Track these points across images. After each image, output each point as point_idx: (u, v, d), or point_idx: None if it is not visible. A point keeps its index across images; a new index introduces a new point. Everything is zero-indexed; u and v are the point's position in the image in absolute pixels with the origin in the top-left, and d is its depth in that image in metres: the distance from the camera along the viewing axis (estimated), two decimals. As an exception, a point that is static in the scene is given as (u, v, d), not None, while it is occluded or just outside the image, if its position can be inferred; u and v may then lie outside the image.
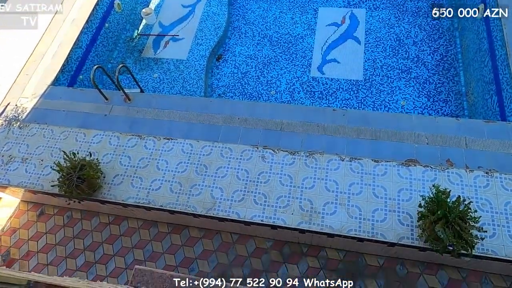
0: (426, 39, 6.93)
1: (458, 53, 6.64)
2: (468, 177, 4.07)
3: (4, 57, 6.30)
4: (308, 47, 7.17)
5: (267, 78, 6.90)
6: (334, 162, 4.39)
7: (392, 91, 6.37)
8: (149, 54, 7.44)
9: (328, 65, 6.87)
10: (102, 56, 7.20)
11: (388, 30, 7.14)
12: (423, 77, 6.46)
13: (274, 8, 7.92)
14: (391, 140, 4.47)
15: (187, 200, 4.38)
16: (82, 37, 6.51)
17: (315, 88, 6.61)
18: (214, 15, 7.75)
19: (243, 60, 7.24)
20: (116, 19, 7.57)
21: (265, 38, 7.48)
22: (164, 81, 7.01)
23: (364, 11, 7.52)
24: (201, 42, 7.38)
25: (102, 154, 4.90)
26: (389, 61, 6.74)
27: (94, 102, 5.43)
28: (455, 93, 6.23)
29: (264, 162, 4.50)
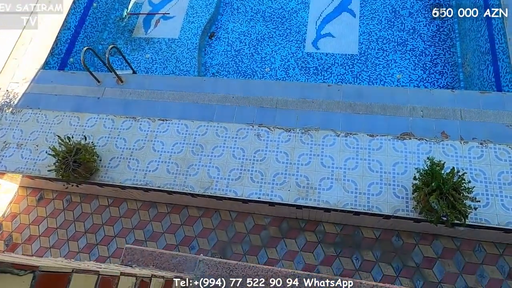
0: (422, 9, 6.78)
1: (454, 24, 6.52)
2: (462, 149, 4.10)
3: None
4: (302, 21, 7.02)
5: (261, 55, 6.79)
6: (330, 138, 4.39)
7: (388, 65, 6.30)
8: (140, 34, 7.28)
9: (322, 39, 6.75)
10: (91, 37, 7.05)
11: (384, 2, 6.97)
12: (419, 49, 6.37)
13: (266, -18, 7.69)
14: (386, 114, 4.46)
15: (184, 180, 4.41)
16: (69, 18, 6.35)
17: (310, 64, 6.52)
18: (205, -9, 7.53)
19: (236, 37, 7.09)
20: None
21: (258, 13, 7.30)
22: (156, 61, 6.89)
23: (358, -18, 7.30)
24: (192, 19, 7.21)
25: (97, 137, 4.88)
26: (385, 33, 6.62)
27: (86, 85, 5.35)
28: (451, 64, 6.17)
29: (259, 140, 4.50)
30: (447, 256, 4.22)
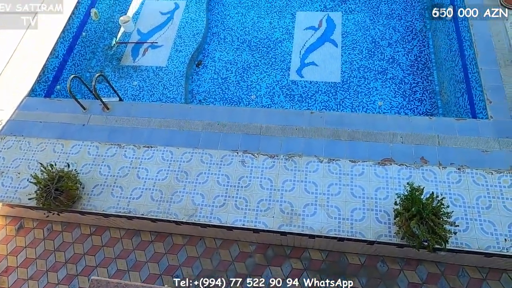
0: (400, 40, 7.12)
1: (431, 53, 6.85)
2: (441, 174, 4.21)
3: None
4: (287, 51, 7.28)
5: (247, 82, 6.96)
6: (313, 164, 4.46)
7: (370, 92, 6.52)
8: (128, 62, 7.40)
9: (306, 68, 6.98)
10: (79, 65, 7.13)
11: (364, 33, 7.31)
12: (399, 78, 6.63)
13: (252, 13, 8.00)
14: (367, 140, 4.58)
15: (168, 208, 4.38)
16: (58, 46, 6.44)
17: (295, 91, 6.70)
18: (192, 22, 7.78)
19: (223, 65, 7.28)
20: (93, 27, 7.52)
21: (244, 43, 7.55)
22: (143, 89, 6.98)
23: (340, 15, 7.67)
24: (180, 48, 7.40)
25: (81, 164, 4.85)
26: (366, 62, 6.89)
27: (71, 112, 5.37)
28: (430, 92, 6.42)
29: (244, 167, 4.54)
30: (432, 281, 4.23)
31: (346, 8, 7.74)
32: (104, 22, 7.88)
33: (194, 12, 7.93)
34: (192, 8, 8.01)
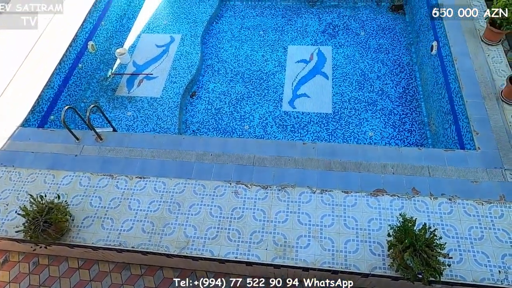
0: (388, 73, 7.38)
1: (418, 86, 7.09)
2: (433, 204, 4.24)
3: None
4: (279, 83, 7.47)
5: (241, 113, 7.07)
6: (306, 195, 4.47)
7: (360, 123, 6.66)
8: (123, 93, 7.51)
9: (299, 99, 7.14)
10: (74, 95, 7.21)
11: (354, 66, 7.57)
12: (388, 109, 6.81)
13: (246, 46, 8.27)
14: (359, 171, 4.63)
15: (159, 240, 4.30)
16: (54, 78, 6.53)
17: (287, 122, 6.82)
18: (187, 54, 7.99)
19: (216, 96, 7.42)
20: (90, 59, 7.67)
21: (237, 75, 7.74)
22: (137, 119, 7.04)
23: (330, 49, 7.97)
24: (175, 80, 7.54)
25: (72, 195, 4.79)
26: (356, 94, 7.09)
27: (64, 142, 5.37)
28: (419, 123, 6.58)
29: (237, 198, 4.52)
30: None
31: (336, 43, 8.06)
32: (101, 54, 8.06)
33: (189, 45, 8.17)
34: (187, 41, 8.25)
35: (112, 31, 8.55)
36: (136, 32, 8.72)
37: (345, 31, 8.28)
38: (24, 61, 6.63)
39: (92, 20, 7.69)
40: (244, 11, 9.14)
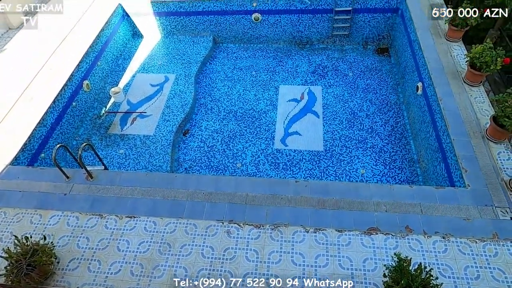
0: (377, 112, 7.60)
1: (406, 124, 7.29)
2: (427, 243, 4.21)
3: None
4: (271, 121, 7.61)
5: (233, 151, 7.11)
6: (299, 234, 4.40)
7: (352, 160, 6.73)
8: (115, 131, 7.53)
9: (290, 137, 7.24)
10: (67, 133, 7.20)
11: (343, 105, 7.80)
12: (378, 146, 6.93)
13: (238, 86, 8.50)
14: (352, 209, 4.62)
15: (148, 283, 4.13)
16: (47, 116, 6.56)
17: (280, 160, 6.86)
18: (181, 93, 8.16)
19: (209, 134, 7.49)
20: (84, 98, 7.77)
21: (230, 113, 7.88)
22: (130, 157, 7.02)
23: (320, 88, 8.24)
24: (168, 118, 7.64)
25: (59, 236, 4.63)
26: (346, 132, 7.24)
27: (53, 181, 5.28)
28: (408, 160, 6.69)
29: (229, 238, 4.43)
30: None
31: (326, 83, 8.35)
32: (95, 93, 8.18)
33: (183, 85, 8.37)
34: (181, 81, 8.46)
35: (108, 71, 8.75)
36: (131, 71, 8.94)
37: (334, 72, 8.61)
38: (19, 100, 6.68)
39: (89, 60, 7.88)
40: (237, 52, 9.50)
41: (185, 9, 9.17)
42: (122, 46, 9.46)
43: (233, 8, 8.97)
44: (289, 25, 9.15)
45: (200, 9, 9.10)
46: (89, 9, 8.93)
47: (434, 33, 7.16)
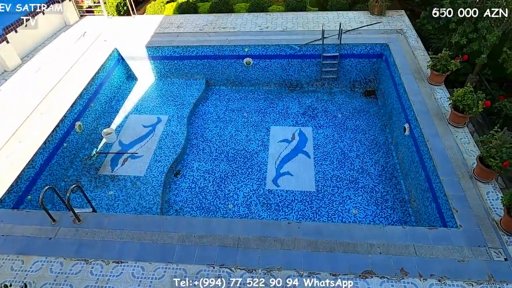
0: (367, 152, 7.72)
1: (396, 164, 7.40)
2: (423, 286, 4.10)
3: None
4: (263, 161, 7.65)
5: (225, 192, 7.05)
6: (293, 278, 4.27)
7: (344, 201, 6.72)
8: (106, 172, 7.46)
9: (282, 178, 7.25)
10: (56, 174, 7.10)
11: (334, 145, 7.92)
12: (369, 187, 6.96)
13: (230, 127, 8.63)
14: (346, 251, 4.53)
15: (134, 335, 3.89)
16: (37, 157, 6.49)
17: (271, 201, 6.81)
18: (173, 134, 8.23)
19: (201, 175, 7.46)
20: (76, 138, 7.76)
21: (222, 154, 7.92)
22: (119, 198, 6.89)
23: (311, 129, 8.41)
24: (159, 159, 7.62)
25: (40, 283, 4.40)
26: (338, 172, 7.29)
27: (39, 224, 5.11)
28: (400, 200, 6.70)
29: (221, 283, 4.26)
30: None
31: (316, 124, 8.54)
32: (87, 134, 8.19)
33: (175, 126, 8.46)
34: (174, 122, 8.57)
35: (101, 112, 8.84)
36: (124, 113, 9.04)
37: (323, 113, 8.84)
38: (9, 141, 6.64)
39: (82, 102, 7.98)
40: (229, 94, 9.75)
41: (179, 54, 9.51)
42: (116, 88, 9.65)
43: (226, 53, 9.34)
44: (279, 69, 9.52)
45: (194, 53, 9.46)
46: (86, 52, 9.20)
47: (417, 77, 7.51)
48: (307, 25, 9.80)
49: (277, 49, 9.16)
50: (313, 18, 10.12)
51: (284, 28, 9.71)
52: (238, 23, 10.18)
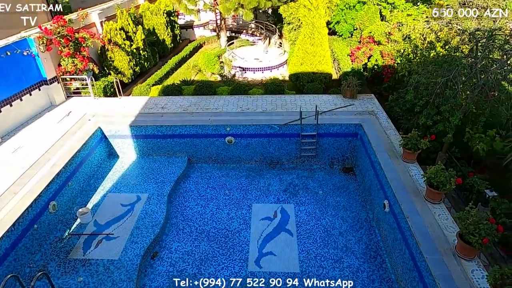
0: (349, 229, 7.67)
1: (379, 241, 7.32)
2: None
3: None
4: (245, 241, 7.41)
5: (204, 275, 6.64)
6: None
7: (329, 283, 6.42)
8: (77, 255, 6.97)
9: (265, 258, 6.97)
10: (21, 260, 6.56)
11: (316, 222, 7.86)
12: (355, 266, 6.76)
13: (212, 205, 8.51)
14: None
15: None
16: (3, 241, 6.06)
17: (254, 285, 6.42)
18: (152, 213, 7.99)
19: (179, 256, 7.08)
20: (48, 219, 7.39)
21: (202, 233, 7.65)
22: (89, 285, 6.33)
23: (292, 206, 8.39)
24: (136, 240, 7.26)
25: None
26: (322, 251, 7.10)
27: (-5, 320, 4.57)
28: (387, 280, 6.48)
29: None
30: None
31: (298, 201, 8.56)
32: (61, 214, 7.84)
33: (155, 204, 8.27)
34: (154, 200, 8.39)
35: (78, 191, 8.61)
36: (103, 191, 8.83)
37: (304, 190, 8.93)
38: (-26, 223, 6.24)
39: (60, 181, 7.80)
40: (211, 172, 9.82)
41: (163, 132, 9.76)
42: (96, 166, 9.57)
43: (208, 132, 9.66)
44: (260, 147, 9.83)
45: (177, 132, 9.72)
46: (69, 131, 9.28)
47: (391, 155, 7.89)
48: (286, 106, 10.45)
49: (258, 129, 9.57)
50: (291, 101, 10.84)
51: (264, 109, 10.29)
52: (220, 104, 10.75)
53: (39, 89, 10.41)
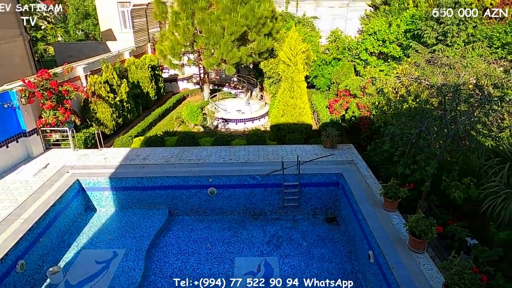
0: (335, 281, 7.41)
1: (366, 299, 7.08)
2: None
3: None
4: (227, 299, 7.02)
5: None
6: None
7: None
8: (43, 321, 6.38)
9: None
10: (-21, 328, 5.95)
11: (301, 276, 7.58)
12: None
13: (192, 260, 8.15)
14: None
15: None
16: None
17: None
18: (129, 270, 7.55)
19: (157, 319, 6.59)
20: (14, 281, 6.84)
21: (182, 292, 7.22)
22: None
23: (276, 259, 8.14)
24: (110, 301, 6.77)
25: None
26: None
27: None
28: (377, 338, 6.18)
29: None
30: None
31: (281, 253, 8.33)
32: (29, 274, 7.28)
33: (133, 260, 7.85)
34: (131, 256, 7.97)
35: (50, 248, 8.12)
36: (77, 247, 8.36)
37: (288, 242, 8.74)
38: None
39: (30, 238, 7.37)
40: (192, 224, 9.54)
41: (144, 184, 9.57)
42: (71, 220, 9.15)
43: (190, 183, 9.55)
44: (242, 198, 9.73)
45: (158, 184, 9.57)
46: (45, 185, 8.98)
47: (373, 204, 7.96)
48: (267, 157, 10.58)
49: (240, 179, 9.55)
50: (272, 151, 11.01)
51: (247, 160, 10.37)
52: (203, 155, 10.78)
53: (16, 141, 10.21)
